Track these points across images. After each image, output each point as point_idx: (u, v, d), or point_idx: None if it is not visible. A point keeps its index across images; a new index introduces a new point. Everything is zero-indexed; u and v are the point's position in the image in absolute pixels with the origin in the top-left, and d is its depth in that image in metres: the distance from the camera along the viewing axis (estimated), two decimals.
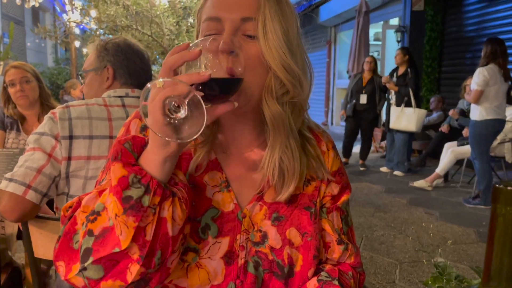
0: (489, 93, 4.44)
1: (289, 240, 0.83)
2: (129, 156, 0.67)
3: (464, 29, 7.57)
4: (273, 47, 0.75)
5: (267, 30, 0.75)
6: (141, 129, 0.85)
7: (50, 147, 1.35)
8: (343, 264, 0.90)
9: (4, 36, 11.33)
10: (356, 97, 6.69)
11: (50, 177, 1.34)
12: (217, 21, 0.76)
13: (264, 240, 0.82)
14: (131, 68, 1.59)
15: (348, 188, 0.93)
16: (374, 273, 3.06)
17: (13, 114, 2.66)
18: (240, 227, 0.81)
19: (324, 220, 0.88)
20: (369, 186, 5.74)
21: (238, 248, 0.81)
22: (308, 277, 0.83)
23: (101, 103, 1.47)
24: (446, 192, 5.40)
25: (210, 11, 0.77)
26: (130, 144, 0.69)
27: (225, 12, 0.76)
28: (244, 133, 0.85)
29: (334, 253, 0.88)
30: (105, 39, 1.65)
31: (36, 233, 1.37)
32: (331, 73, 12.57)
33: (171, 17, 5.74)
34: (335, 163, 0.91)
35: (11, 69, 2.61)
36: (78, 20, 6.20)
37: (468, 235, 3.87)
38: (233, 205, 0.82)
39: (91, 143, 1.39)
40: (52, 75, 13.45)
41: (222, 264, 0.79)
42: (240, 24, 0.76)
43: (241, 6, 0.76)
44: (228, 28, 0.75)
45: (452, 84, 7.53)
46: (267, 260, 0.81)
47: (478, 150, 4.63)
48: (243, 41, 0.75)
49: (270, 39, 0.75)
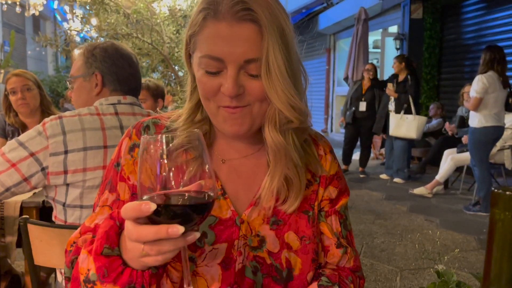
0: (488, 100, 4.45)
1: (287, 244, 0.83)
2: (115, 265, 0.65)
3: (463, 37, 7.61)
4: (278, 87, 0.73)
5: (271, 70, 0.73)
6: (129, 149, 0.85)
7: (18, 158, 1.35)
8: (342, 268, 0.90)
9: (5, 44, 11.39)
10: (355, 104, 6.70)
11: (3, 185, 1.35)
12: (219, 61, 0.73)
13: (262, 244, 0.82)
14: (120, 74, 1.57)
15: (346, 192, 0.93)
16: (374, 281, 3.05)
17: (14, 122, 2.67)
18: (238, 232, 0.82)
19: (323, 224, 0.89)
20: (369, 193, 5.73)
21: (235, 254, 0.81)
22: (307, 281, 0.83)
23: (93, 112, 1.47)
24: (446, 199, 5.39)
25: (211, 49, 0.73)
26: (108, 247, 0.66)
27: (228, 54, 0.72)
28: (241, 142, 0.86)
29: (334, 257, 0.88)
30: (92, 44, 1.62)
31: (36, 241, 1.37)
32: (330, 81, 12.60)
33: (171, 25, 5.77)
34: (332, 166, 0.91)
35: (13, 77, 2.62)
36: (78, 28, 6.22)
37: (468, 242, 3.86)
38: (230, 211, 0.82)
39: (86, 155, 1.39)
40: (52, 83, 13.49)
41: (219, 270, 0.80)
42: (244, 65, 0.73)
43: (245, 46, 0.72)
44: (231, 70, 0.73)
45: (451, 91, 7.56)
46: (265, 265, 0.81)
47: (477, 157, 4.64)
48: (246, 79, 0.74)
49: (274, 79, 0.73)
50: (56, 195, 1.42)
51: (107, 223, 0.68)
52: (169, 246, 0.59)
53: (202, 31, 0.75)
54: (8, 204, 1.94)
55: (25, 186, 1.37)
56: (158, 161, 0.59)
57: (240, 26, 0.72)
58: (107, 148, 1.42)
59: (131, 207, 0.58)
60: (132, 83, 1.61)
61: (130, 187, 0.84)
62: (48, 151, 1.36)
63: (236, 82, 0.73)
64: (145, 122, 0.88)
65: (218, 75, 0.74)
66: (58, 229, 1.36)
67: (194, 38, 0.77)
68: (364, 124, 6.72)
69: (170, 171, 0.60)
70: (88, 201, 1.40)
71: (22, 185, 1.36)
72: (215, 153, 0.86)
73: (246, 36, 0.72)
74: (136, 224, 0.59)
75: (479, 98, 4.44)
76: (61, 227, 1.37)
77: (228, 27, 0.72)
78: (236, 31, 0.72)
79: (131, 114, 1.53)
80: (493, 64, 4.43)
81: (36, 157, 1.36)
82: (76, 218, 1.41)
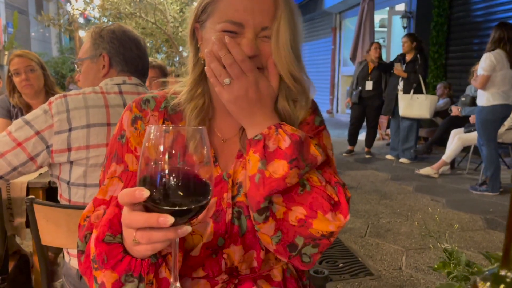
0: (496, 78, 4.39)
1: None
2: (115, 252, 0.68)
3: (472, 14, 7.45)
4: (283, 54, 0.81)
5: (279, 38, 0.80)
6: (132, 121, 0.88)
7: (24, 137, 1.35)
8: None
9: (8, 26, 11.32)
10: (362, 84, 6.63)
11: (10, 164, 1.35)
12: (239, 26, 0.80)
13: (239, 189, 0.86)
14: (127, 55, 1.58)
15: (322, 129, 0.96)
16: (380, 260, 3.06)
17: (19, 103, 2.66)
18: (226, 186, 0.86)
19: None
20: (375, 174, 5.72)
21: (225, 206, 0.85)
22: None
23: (98, 91, 1.47)
24: (452, 179, 5.37)
25: (233, 14, 0.79)
26: (110, 234, 0.69)
27: (249, 19, 0.80)
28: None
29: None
30: (100, 26, 1.62)
31: (43, 221, 1.37)
32: (336, 61, 12.45)
33: (174, 4, 5.70)
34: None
35: (15, 58, 2.60)
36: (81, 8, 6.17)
37: (475, 221, 3.85)
38: (218, 173, 0.87)
39: (89, 132, 1.39)
40: (56, 64, 13.44)
41: (210, 222, 0.84)
42: (259, 31, 0.81)
43: (263, 15, 0.80)
44: (250, 34, 0.80)
45: (459, 70, 7.45)
46: (245, 207, 0.85)
47: (485, 136, 4.60)
48: (260, 42, 0.81)
49: (281, 47, 0.80)
50: (61, 173, 1.42)
51: (112, 211, 0.70)
52: (159, 236, 0.59)
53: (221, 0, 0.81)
54: (15, 185, 1.95)
55: (31, 165, 1.38)
56: (160, 152, 0.59)
57: None
58: (110, 126, 1.42)
59: (126, 193, 0.59)
60: (139, 65, 1.61)
61: (137, 158, 0.85)
62: (53, 130, 1.36)
63: (255, 44, 0.80)
64: (144, 96, 0.91)
65: (235, 36, 0.80)
66: (64, 209, 1.36)
67: (211, 6, 0.82)
68: (370, 103, 6.66)
69: (170, 163, 0.59)
70: (92, 180, 1.40)
71: (28, 165, 1.37)
72: (215, 130, 0.90)
73: (266, 4, 0.80)
74: (131, 210, 0.60)
75: (486, 75, 4.38)
76: (67, 207, 1.37)
77: None
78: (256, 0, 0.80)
79: (136, 93, 1.53)
80: (502, 43, 4.36)
81: (41, 136, 1.36)
82: (80, 197, 1.42)
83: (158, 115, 0.89)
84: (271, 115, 0.82)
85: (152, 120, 0.88)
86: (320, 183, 0.81)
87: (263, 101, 0.80)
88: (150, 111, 0.89)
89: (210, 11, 0.82)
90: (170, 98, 0.90)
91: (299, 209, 0.79)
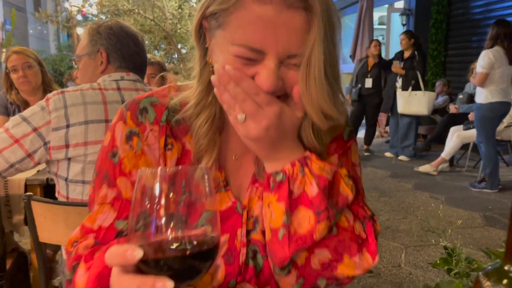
0: (494, 75, 4.39)
1: None
2: None
3: (471, 12, 7.44)
4: (313, 89, 0.63)
5: (310, 71, 0.62)
6: (126, 137, 0.74)
7: (22, 134, 1.35)
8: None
9: (6, 23, 11.27)
10: (361, 81, 6.63)
11: (7, 161, 1.35)
12: (258, 53, 0.62)
13: (256, 225, 0.74)
14: (125, 51, 1.57)
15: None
16: (379, 257, 3.05)
17: (16, 100, 2.64)
18: (240, 220, 0.74)
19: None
20: (374, 171, 5.72)
21: (239, 245, 0.73)
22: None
23: (95, 87, 1.47)
24: (451, 177, 5.38)
25: (251, 38, 0.61)
26: None
27: (272, 45, 0.61)
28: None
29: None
30: (97, 22, 1.62)
31: (40, 218, 1.37)
32: None
33: (173, 0, 5.69)
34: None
35: (13, 54, 2.58)
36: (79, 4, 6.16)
37: (474, 219, 3.85)
38: (230, 203, 0.75)
39: (87, 128, 1.38)
40: (54, 62, 13.39)
41: (222, 264, 0.73)
42: (285, 59, 0.63)
43: (292, 39, 0.61)
44: (272, 62, 0.62)
45: (458, 67, 7.44)
46: (262, 246, 0.74)
47: (484, 134, 4.60)
48: (284, 70, 0.64)
49: (311, 81, 0.62)
50: (59, 170, 1.42)
51: (102, 262, 0.59)
52: None
53: (238, 11, 0.62)
54: (13, 182, 1.94)
55: (28, 162, 1.37)
56: (155, 201, 0.49)
57: (290, 13, 0.60)
58: (108, 122, 1.41)
59: (115, 252, 0.49)
60: (136, 61, 1.60)
61: (132, 183, 0.73)
62: (51, 126, 1.36)
63: (277, 75, 0.62)
64: (140, 102, 0.76)
65: (253, 63, 0.63)
66: (62, 206, 1.35)
67: (223, 15, 0.63)
68: (370, 101, 6.65)
69: (166, 212, 0.49)
70: (90, 177, 1.39)
71: (25, 161, 1.36)
72: (226, 146, 0.76)
73: (295, 26, 0.61)
74: (122, 271, 0.50)
75: (485, 73, 4.38)
76: (65, 204, 1.37)
77: (275, 13, 0.60)
78: (284, 18, 0.60)
79: (134, 89, 1.53)
80: (500, 40, 4.36)
81: (39, 132, 1.35)
82: (78, 194, 1.41)
83: (159, 130, 0.74)
84: (295, 147, 0.68)
85: (151, 137, 0.74)
86: (348, 223, 0.71)
87: (286, 134, 0.66)
88: (148, 125, 0.74)
89: (221, 21, 0.64)
90: (171, 106, 0.75)
91: (324, 252, 0.69)
